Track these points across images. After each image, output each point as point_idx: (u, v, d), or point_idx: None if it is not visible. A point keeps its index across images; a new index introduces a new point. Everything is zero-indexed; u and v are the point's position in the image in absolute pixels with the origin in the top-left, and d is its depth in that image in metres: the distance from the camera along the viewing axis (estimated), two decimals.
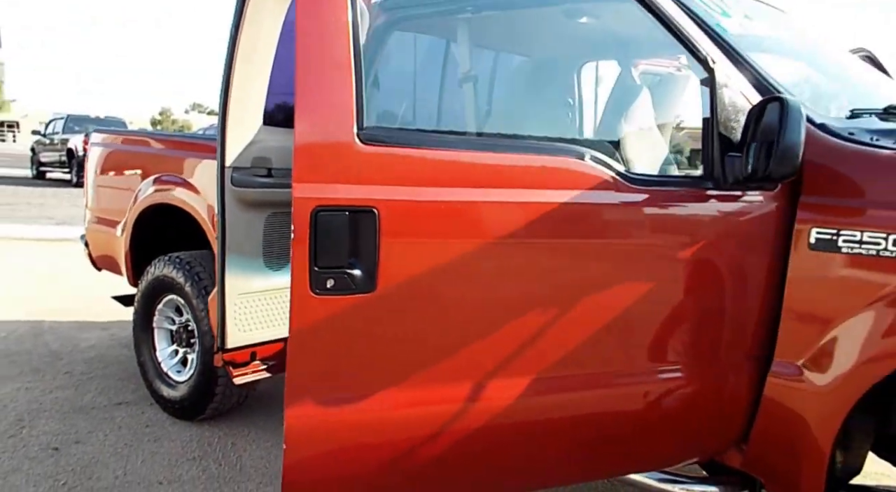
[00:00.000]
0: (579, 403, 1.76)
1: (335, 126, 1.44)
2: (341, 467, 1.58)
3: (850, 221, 1.72)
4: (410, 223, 1.50)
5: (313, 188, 1.42)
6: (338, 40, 1.48)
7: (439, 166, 1.52)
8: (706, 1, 2.18)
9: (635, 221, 1.71)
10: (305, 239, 1.41)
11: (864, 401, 1.94)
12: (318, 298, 1.44)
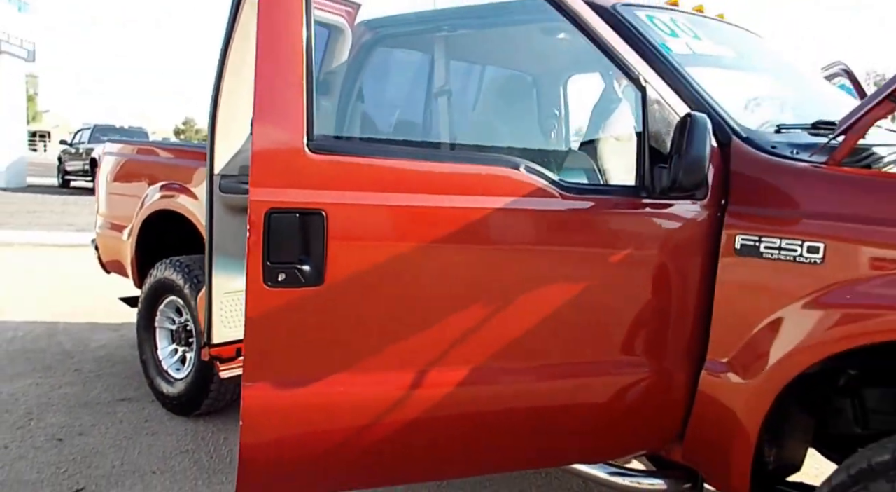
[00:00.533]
0: (519, 394, 1.90)
1: (287, 136, 1.61)
2: (294, 447, 1.74)
3: (770, 228, 1.85)
4: (356, 225, 1.66)
5: (267, 192, 1.59)
6: (293, 58, 1.64)
7: (382, 173, 1.68)
8: (659, 22, 2.33)
9: (568, 226, 1.86)
10: (260, 238, 1.58)
11: (800, 399, 2.07)
12: (270, 290, 1.60)
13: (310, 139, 1.62)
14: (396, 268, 1.70)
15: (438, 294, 1.77)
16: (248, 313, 1.59)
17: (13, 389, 4.05)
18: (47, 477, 3.04)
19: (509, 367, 1.85)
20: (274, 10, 1.64)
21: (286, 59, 1.63)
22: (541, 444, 2.00)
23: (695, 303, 1.97)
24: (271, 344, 1.64)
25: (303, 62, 1.64)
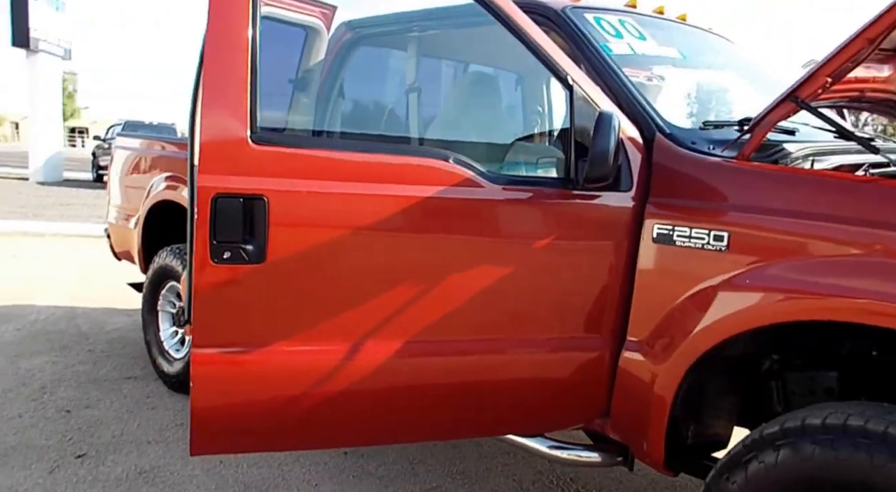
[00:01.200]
0: (449, 368, 2.08)
1: (233, 128, 1.79)
2: (240, 409, 1.94)
3: (682, 217, 2.01)
4: (295, 209, 1.85)
5: (214, 179, 1.79)
6: (239, 56, 1.81)
7: (320, 163, 1.87)
8: (605, 24, 2.49)
9: (494, 213, 2.03)
10: (206, 219, 1.77)
11: (724, 379, 2.21)
12: (216, 266, 1.80)
13: (253, 131, 1.80)
14: (333, 249, 1.89)
15: (372, 274, 1.95)
16: (195, 287, 1.80)
17: (31, 365, 4.34)
18: (54, 443, 3.30)
19: (439, 342, 2.02)
20: (223, 9, 1.80)
21: (233, 57, 1.80)
22: (471, 415, 2.17)
23: (619, 287, 2.13)
24: (217, 315, 1.84)
25: (248, 60, 1.81)
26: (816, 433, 1.72)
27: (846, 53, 1.82)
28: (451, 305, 1.99)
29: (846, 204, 1.78)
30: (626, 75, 2.27)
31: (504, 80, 2.37)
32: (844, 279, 1.72)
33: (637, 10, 2.77)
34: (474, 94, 2.63)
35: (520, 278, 2.07)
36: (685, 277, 2.00)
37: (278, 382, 1.92)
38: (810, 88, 1.89)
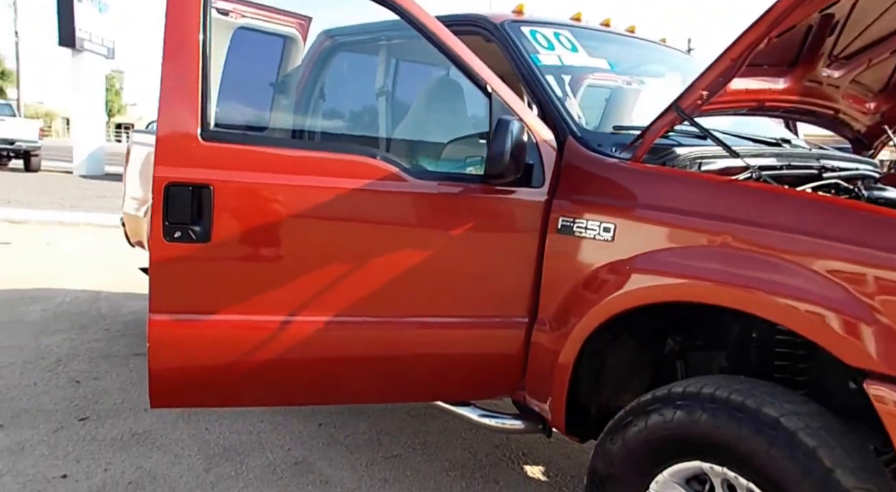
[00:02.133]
0: (375, 339, 2.35)
1: (185, 126, 2.09)
2: (191, 370, 2.25)
3: (581, 211, 2.28)
4: (237, 197, 2.15)
5: (167, 169, 2.10)
6: (191, 61, 2.10)
7: (261, 157, 2.17)
8: (540, 37, 2.76)
9: (416, 204, 2.31)
10: (160, 204, 2.08)
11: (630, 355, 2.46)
12: (168, 243, 2.11)
13: (203, 129, 2.11)
14: (271, 232, 2.20)
15: (305, 255, 2.25)
16: (150, 260, 2.12)
17: (51, 341, 4.77)
18: (61, 408, 3.70)
19: (365, 317, 2.31)
20: (177, 16, 2.10)
21: (186, 62, 2.10)
22: (399, 383, 2.46)
23: (531, 272, 2.40)
24: (169, 285, 2.16)
25: (199, 65, 2.10)
26: (677, 400, 1.98)
27: (715, 70, 2.07)
28: (376, 285, 2.28)
29: (707, 201, 2.03)
30: (549, 84, 2.54)
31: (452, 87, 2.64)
32: (699, 265, 1.98)
33: (578, 24, 3.03)
34: (427, 98, 2.92)
35: (440, 263, 2.36)
36: (581, 264, 2.27)
37: (223, 346, 2.24)
38: (689, 100, 2.14)
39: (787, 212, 1.89)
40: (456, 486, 3.12)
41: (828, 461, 1.74)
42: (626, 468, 2.11)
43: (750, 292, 1.86)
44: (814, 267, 1.78)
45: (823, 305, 1.75)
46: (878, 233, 1.73)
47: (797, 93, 2.55)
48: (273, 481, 3.06)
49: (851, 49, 2.54)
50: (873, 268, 1.70)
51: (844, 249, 1.75)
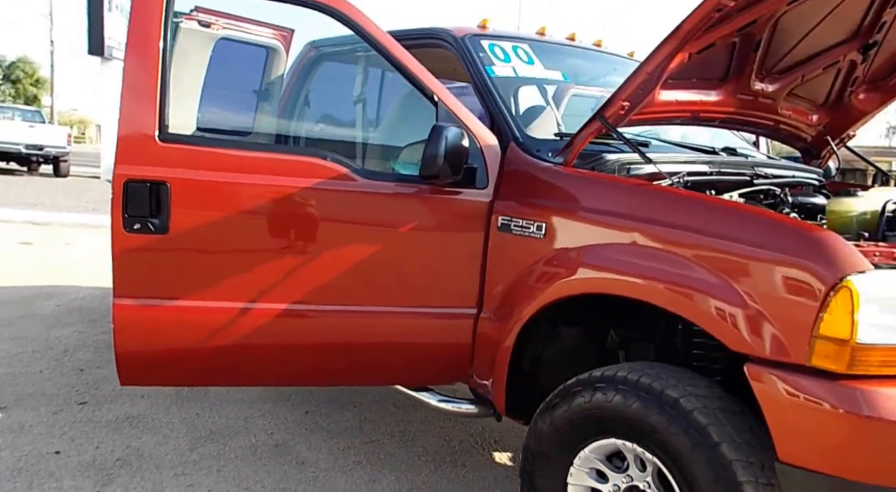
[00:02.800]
0: (326, 328, 2.55)
1: (143, 128, 2.32)
2: (153, 351, 2.47)
3: (517, 211, 2.48)
4: (192, 193, 2.36)
5: (127, 167, 2.32)
6: (150, 67, 2.32)
7: (215, 158, 2.39)
8: (497, 50, 2.98)
9: (363, 202, 2.52)
10: (120, 199, 2.30)
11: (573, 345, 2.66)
12: (128, 234, 2.33)
13: (160, 130, 2.34)
14: (225, 225, 2.41)
15: (259, 248, 2.48)
16: (112, 249, 2.36)
17: (61, 334, 5.06)
18: (63, 393, 3.97)
19: (318, 306, 2.52)
20: (140, 27, 2.33)
21: (146, 68, 2.33)
22: (353, 367, 2.68)
23: (477, 267, 2.61)
24: (130, 273, 2.39)
25: (158, 72, 2.33)
26: (596, 383, 2.18)
27: (633, 83, 2.28)
28: (327, 277, 2.50)
29: (620, 202, 2.24)
30: (498, 93, 2.75)
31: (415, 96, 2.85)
32: (611, 261, 2.18)
33: (540, 38, 3.25)
34: (394, 106, 3.15)
35: (390, 258, 2.57)
36: (517, 260, 2.47)
37: (182, 329, 2.46)
38: (611, 110, 2.34)
39: (682, 212, 2.09)
40: (426, 469, 3.33)
41: (716, 436, 1.94)
42: (553, 446, 2.31)
43: (650, 284, 2.06)
44: (701, 261, 1.98)
45: (708, 294, 1.95)
46: (751, 229, 1.93)
47: (731, 105, 2.73)
48: (252, 462, 3.29)
49: (782, 65, 2.72)
50: (748, 260, 1.89)
51: (725, 245, 1.94)
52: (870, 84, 3.00)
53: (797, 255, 1.83)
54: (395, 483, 3.16)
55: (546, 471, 2.34)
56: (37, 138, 19.32)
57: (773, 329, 1.86)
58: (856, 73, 2.90)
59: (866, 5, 2.58)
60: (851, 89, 2.98)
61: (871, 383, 1.76)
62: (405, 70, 2.54)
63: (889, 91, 3.02)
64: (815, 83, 2.90)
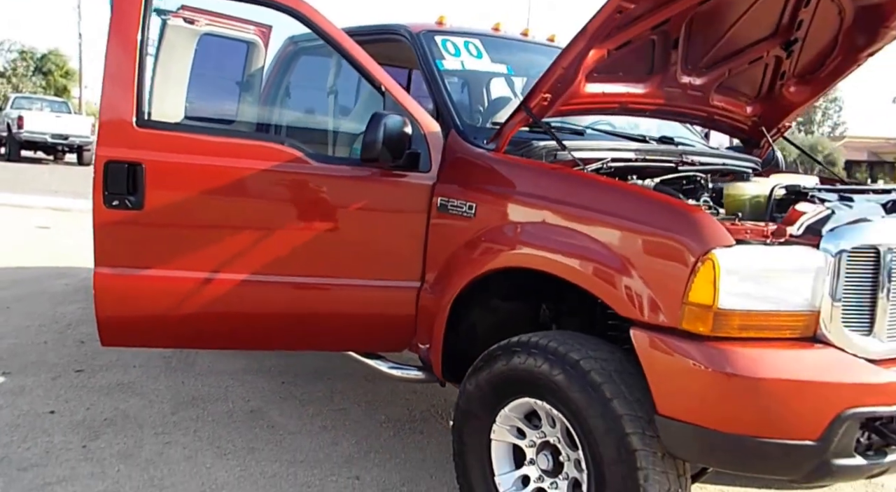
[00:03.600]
0: (285, 297, 2.82)
1: (122, 114, 2.59)
2: (132, 317, 2.76)
3: (454, 192, 2.73)
4: (164, 173, 2.63)
5: (107, 150, 2.59)
6: (128, 59, 2.59)
7: (185, 142, 2.66)
8: (449, 45, 3.22)
9: (316, 183, 2.78)
10: (100, 178, 2.58)
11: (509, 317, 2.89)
12: (107, 210, 2.61)
13: (137, 117, 2.62)
14: (194, 203, 2.69)
15: (223, 223, 2.75)
16: (94, 224, 2.64)
17: (66, 310, 5.41)
18: (63, 362, 4.30)
19: (276, 277, 2.78)
20: (120, 21, 2.60)
21: (125, 62, 2.60)
22: (306, 333, 2.95)
23: (420, 244, 2.86)
24: (108, 244, 2.67)
25: (136, 62, 2.60)
26: (514, 348, 2.42)
27: (551, 77, 2.51)
28: (284, 251, 2.77)
29: (535, 184, 2.48)
30: (444, 84, 2.99)
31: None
32: (525, 237, 2.43)
33: (493, 34, 3.49)
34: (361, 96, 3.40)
35: (340, 234, 2.83)
36: (452, 237, 2.72)
37: (155, 295, 2.74)
38: (534, 101, 2.58)
39: (583, 193, 2.33)
40: (385, 434, 3.60)
41: (608, 393, 2.18)
42: (478, 405, 2.56)
43: (556, 258, 2.31)
44: (597, 236, 2.22)
45: (602, 266, 2.19)
46: (638, 208, 2.16)
47: (660, 97, 2.95)
48: (226, 424, 3.58)
49: (707, 61, 2.93)
50: (634, 235, 2.13)
51: (616, 221, 2.18)
52: (799, 78, 3.19)
53: (672, 231, 2.07)
54: (356, 446, 3.43)
55: (473, 428, 2.59)
56: (62, 128, 19.90)
57: (652, 297, 2.09)
58: (783, 68, 3.10)
59: (781, 5, 2.79)
60: (782, 83, 3.18)
61: (733, 345, 1.99)
62: (356, 63, 2.79)
63: (819, 84, 3.22)
64: (744, 77, 3.10)
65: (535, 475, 2.49)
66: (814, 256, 2.00)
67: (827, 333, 2.02)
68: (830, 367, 1.98)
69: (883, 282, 2.02)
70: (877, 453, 2.00)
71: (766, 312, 2.01)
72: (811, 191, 2.34)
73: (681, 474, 2.19)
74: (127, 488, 2.92)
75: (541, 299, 2.89)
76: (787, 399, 1.94)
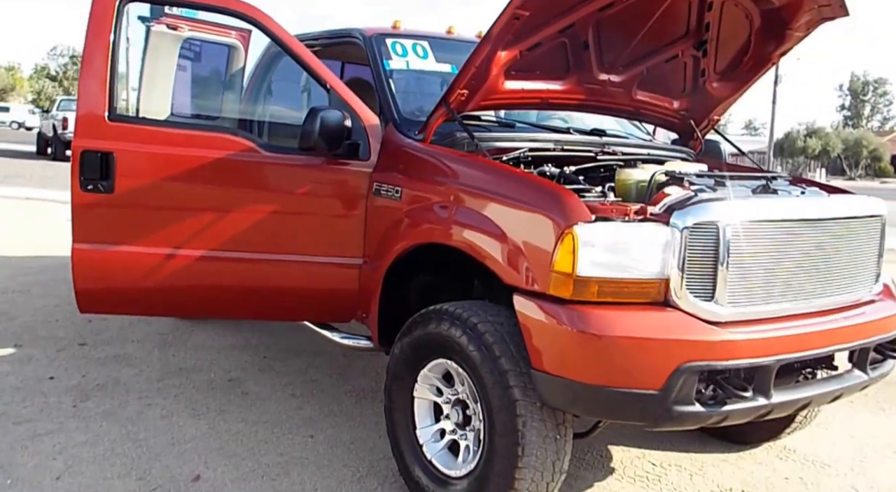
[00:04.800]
0: (238, 269, 3.16)
1: (96, 109, 2.97)
2: (106, 287, 3.14)
3: (386, 178, 3.06)
4: (132, 160, 2.99)
5: (82, 141, 2.96)
6: (101, 57, 2.97)
7: (150, 134, 3.04)
8: (398, 47, 3.55)
9: (265, 170, 3.14)
10: (77, 165, 2.95)
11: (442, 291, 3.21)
12: (83, 193, 2.99)
13: (109, 112, 3.00)
14: (156, 187, 3.06)
15: (183, 205, 3.12)
16: (72, 204, 3.04)
17: None
18: (70, 336, 4.76)
19: (232, 252, 3.14)
20: (96, 25, 2.97)
21: (98, 64, 2.97)
22: (262, 304, 3.31)
23: (361, 224, 3.19)
24: (84, 223, 3.06)
25: (107, 65, 2.98)
26: (431, 314, 2.74)
27: (465, 75, 2.83)
28: (238, 230, 3.13)
29: (445, 170, 2.80)
30: (388, 82, 3.33)
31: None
32: (435, 217, 2.76)
33: (441, 36, 3.82)
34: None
35: (288, 215, 3.18)
36: (384, 218, 3.06)
37: (123, 268, 3.13)
38: (452, 97, 2.90)
39: (480, 177, 2.67)
40: (348, 400, 3.94)
41: (497, 352, 2.49)
42: (403, 366, 2.88)
43: (456, 233, 2.63)
44: (489, 215, 2.54)
45: (492, 240, 2.51)
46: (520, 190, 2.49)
47: (581, 93, 3.24)
48: (205, 391, 3.97)
49: (623, 60, 3.21)
50: (517, 212, 2.45)
51: (504, 200, 2.51)
52: (721, 74, 3.45)
53: (543, 208, 2.38)
54: (318, 411, 3.78)
55: (399, 387, 2.92)
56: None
57: (528, 266, 2.41)
58: (702, 66, 3.36)
59: (686, 10, 3.06)
60: (704, 79, 3.44)
61: (591, 308, 2.29)
62: (303, 63, 3.15)
63: (741, 79, 3.47)
64: (665, 74, 3.37)
65: (450, 428, 2.81)
66: (662, 231, 2.29)
67: (676, 298, 2.31)
68: (672, 327, 2.26)
69: (722, 255, 2.29)
70: (717, 403, 2.28)
71: (620, 279, 2.30)
72: (686, 176, 2.62)
73: (559, 423, 2.49)
74: (105, 440, 3.32)
75: (475, 274, 3.21)
76: (634, 354, 2.24)
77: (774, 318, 2.42)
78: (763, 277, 2.39)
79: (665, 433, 3.47)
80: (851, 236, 2.62)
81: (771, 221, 2.41)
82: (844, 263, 2.60)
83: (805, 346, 2.41)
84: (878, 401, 4.21)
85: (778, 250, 2.42)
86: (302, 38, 4.02)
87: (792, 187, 2.72)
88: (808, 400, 2.49)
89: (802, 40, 3.23)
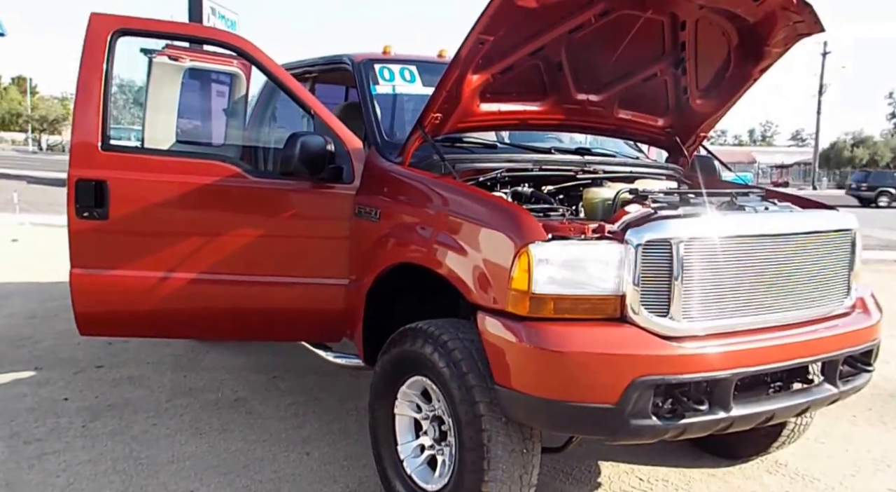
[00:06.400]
0: (231, 293, 3.28)
1: (89, 139, 3.10)
2: (103, 310, 3.27)
3: (367, 200, 3.16)
4: (125, 188, 3.13)
5: (77, 170, 3.10)
6: (94, 88, 3.11)
7: (142, 162, 3.17)
8: (385, 71, 3.66)
9: (253, 195, 3.24)
10: (72, 193, 3.09)
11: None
12: (78, 219, 3.13)
13: (102, 142, 3.15)
14: (149, 213, 3.20)
15: (175, 230, 3.25)
16: (68, 231, 3.18)
17: None
18: (88, 358, 4.95)
19: (223, 275, 3.25)
20: (89, 57, 3.11)
21: (91, 95, 3.11)
22: (254, 325, 3.41)
23: (346, 246, 3.28)
24: (81, 249, 3.20)
25: (100, 97, 3.12)
26: (407, 333, 2.82)
27: (437, 99, 2.91)
28: (228, 253, 3.25)
29: (416, 192, 2.89)
30: (373, 106, 3.44)
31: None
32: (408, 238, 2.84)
33: (431, 60, 3.91)
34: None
35: (279, 238, 3.29)
36: (365, 239, 3.14)
37: (119, 292, 3.26)
38: (427, 120, 2.98)
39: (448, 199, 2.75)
40: (349, 419, 4.02)
41: (465, 368, 2.55)
42: (384, 383, 2.96)
43: (425, 254, 2.71)
44: (455, 236, 2.61)
45: (457, 260, 2.58)
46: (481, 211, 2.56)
47: (559, 113, 3.30)
48: (211, 410, 4.09)
49: (601, 80, 3.27)
50: (478, 233, 2.52)
51: (467, 222, 2.58)
52: (704, 91, 3.47)
53: (501, 229, 2.45)
54: (318, 429, 3.87)
55: (381, 404, 3.00)
56: None
57: (489, 285, 2.47)
58: (683, 84, 3.39)
59: (660, 30, 3.10)
60: (686, 96, 3.47)
61: (547, 324, 2.34)
62: (289, 91, 3.27)
63: (724, 96, 3.48)
64: (646, 92, 3.41)
65: (429, 444, 2.87)
66: (615, 249, 2.33)
67: (632, 314, 2.34)
68: (626, 342, 2.30)
69: (677, 270, 2.32)
70: (674, 416, 2.30)
71: (576, 296, 2.35)
72: (651, 194, 2.65)
73: (526, 438, 2.54)
74: (108, 459, 3.45)
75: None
76: (589, 369, 2.28)
77: (733, 332, 2.43)
78: (720, 293, 2.41)
79: (655, 449, 3.47)
80: (816, 250, 2.63)
81: (727, 237, 2.43)
82: (810, 277, 2.60)
83: (764, 359, 2.42)
84: (880, 415, 4.14)
85: (735, 266, 2.44)
86: (298, 65, 4.19)
87: (761, 203, 2.74)
88: (771, 413, 2.49)
89: (781, 56, 3.24)
